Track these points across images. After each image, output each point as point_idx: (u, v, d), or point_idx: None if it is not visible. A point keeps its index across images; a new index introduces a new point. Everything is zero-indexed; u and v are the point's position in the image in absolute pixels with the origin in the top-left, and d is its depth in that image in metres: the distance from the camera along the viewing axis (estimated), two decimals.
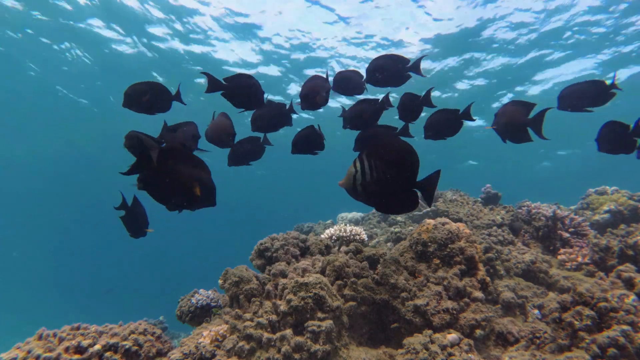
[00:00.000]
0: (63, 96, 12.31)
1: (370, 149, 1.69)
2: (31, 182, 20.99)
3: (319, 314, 1.93)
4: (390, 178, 1.64)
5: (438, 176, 1.63)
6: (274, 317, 2.00)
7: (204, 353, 1.92)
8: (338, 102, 10.75)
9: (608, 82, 2.33)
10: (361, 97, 2.65)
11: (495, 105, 11.62)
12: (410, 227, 4.30)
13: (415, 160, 1.62)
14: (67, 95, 12.27)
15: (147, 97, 2.18)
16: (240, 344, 1.92)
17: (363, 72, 2.61)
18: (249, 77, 2.28)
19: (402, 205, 1.71)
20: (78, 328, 2.07)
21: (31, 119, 13.84)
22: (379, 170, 1.64)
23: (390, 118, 2.33)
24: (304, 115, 12.11)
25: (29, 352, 1.83)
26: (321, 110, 2.59)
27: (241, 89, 2.29)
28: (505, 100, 11.39)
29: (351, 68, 5.85)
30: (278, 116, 2.58)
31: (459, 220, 3.93)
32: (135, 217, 2.25)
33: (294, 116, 2.68)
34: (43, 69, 10.62)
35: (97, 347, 1.91)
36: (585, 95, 2.38)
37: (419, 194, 1.67)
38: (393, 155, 1.63)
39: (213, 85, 2.24)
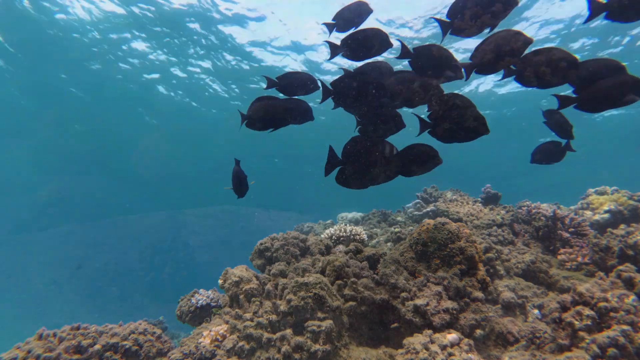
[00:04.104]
0: None
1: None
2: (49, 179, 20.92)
3: (319, 314, 1.93)
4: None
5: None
6: (274, 317, 2.00)
7: (204, 353, 1.92)
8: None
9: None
10: None
11: None
12: (410, 227, 4.29)
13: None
14: None
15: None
16: (240, 343, 1.92)
17: None
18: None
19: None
20: (78, 328, 2.07)
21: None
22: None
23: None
24: None
25: (29, 352, 1.83)
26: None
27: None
28: None
29: None
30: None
31: (459, 220, 3.94)
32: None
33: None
34: None
35: (97, 347, 1.91)
36: None
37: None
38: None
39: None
